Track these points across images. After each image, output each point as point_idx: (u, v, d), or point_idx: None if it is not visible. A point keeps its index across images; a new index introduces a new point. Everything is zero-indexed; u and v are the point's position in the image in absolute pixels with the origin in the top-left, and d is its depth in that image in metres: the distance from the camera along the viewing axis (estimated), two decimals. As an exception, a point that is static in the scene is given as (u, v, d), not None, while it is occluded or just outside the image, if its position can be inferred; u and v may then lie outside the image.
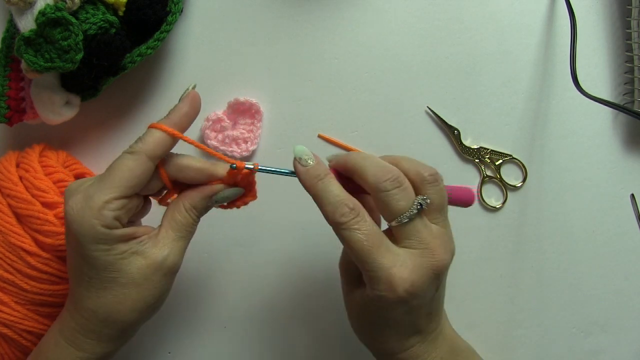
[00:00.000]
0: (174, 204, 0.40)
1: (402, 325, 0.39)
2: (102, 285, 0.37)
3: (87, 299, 0.38)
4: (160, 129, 0.38)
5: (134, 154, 0.37)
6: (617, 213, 0.54)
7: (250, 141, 0.52)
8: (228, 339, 0.52)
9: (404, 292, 0.37)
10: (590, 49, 0.54)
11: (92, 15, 0.45)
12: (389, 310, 0.38)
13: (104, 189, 0.36)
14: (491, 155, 0.54)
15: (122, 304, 0.38)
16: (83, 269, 0.37)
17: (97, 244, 0.36)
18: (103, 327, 0.38)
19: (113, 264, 0.37)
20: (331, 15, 0.54)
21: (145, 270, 0.38)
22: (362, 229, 0.37)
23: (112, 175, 0.37)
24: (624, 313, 0.54)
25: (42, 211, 0.43)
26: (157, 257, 0.38)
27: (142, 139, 0.38)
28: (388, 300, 0.37)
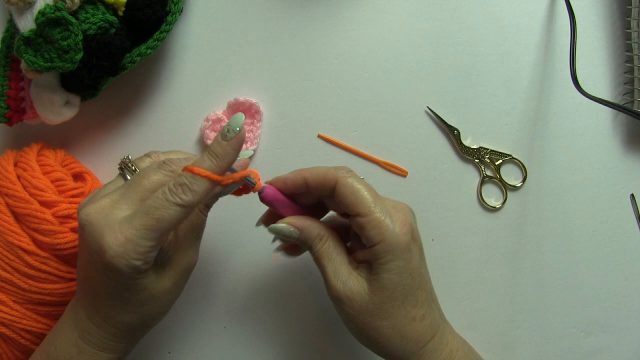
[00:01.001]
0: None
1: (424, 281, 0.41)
2: (140, 303, 0.39)
3: (123, 315, 0.39)
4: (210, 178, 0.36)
5: (184, 207, 0.36)
6: (617, 213, 0.54)
7: (250, 141, 0.52)
8: (228, 339, 0.52)
9: (411, 224, 0.40)
10: (590, 49, 0.54)
11: (92, 15, 0.45)
12: (411, 258, 0.39)
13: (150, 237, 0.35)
14: (491, 155, 0.54)
15: (157, 312, 0.41)
16: (121, 292, 0.38)
17: (137, 275, 0.37)
18: (137, 332, 0.41)
19: (151, 284, 0.39)
20: (331, 15, 0.54)
21: (175, 277, 0.40)
22: (359, 178, 0.41)
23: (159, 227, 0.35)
24: (624, 313, 0.54)
25: (40, 210, 0.43)
26: (183, 262, 0.41)
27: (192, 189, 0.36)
28: (404, 238, 0.39)
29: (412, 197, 0.53)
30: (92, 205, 0.37)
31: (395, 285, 0.39)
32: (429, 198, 0.53)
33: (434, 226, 0.53)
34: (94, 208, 0.37)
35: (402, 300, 0.40)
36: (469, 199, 0.54)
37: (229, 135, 0.37)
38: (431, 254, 0.53)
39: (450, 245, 0.53)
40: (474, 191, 0.54)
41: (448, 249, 0.53)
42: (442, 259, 0.53)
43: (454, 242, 0.53)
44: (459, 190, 0.54)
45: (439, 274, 0.53)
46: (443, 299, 0.53)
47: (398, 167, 0.53)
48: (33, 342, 0.44)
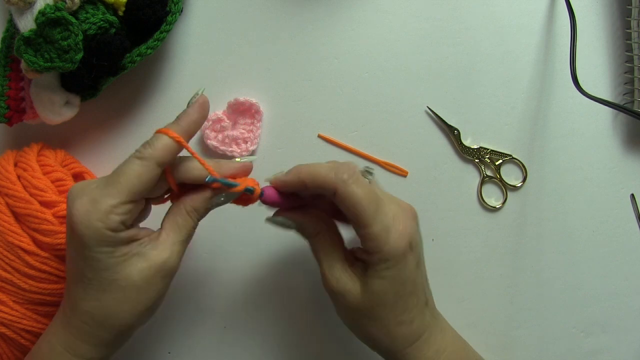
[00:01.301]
0: (175, 207, 0.41)
1: (419, 288, 0.40)
2: (102, 287, 0.37)
3: (85, 302, 0.38)
4: (167, 134, 0.38)
5: (142, 159, 0.37)
6: (617, 213, 0.54)
7: (250, 141, 0.52)
8: (228, 339, 0.52)
9: (410, 235, 0.39)
10: (590, 49, 0.54)
11: (92, 15, 0.45)
12: (406, 267, 0.39)
13: (112, 194, 0.36)
14: (491, 155, 0.54)
15: (120, 306, 0.38)
16: (84, 271, 0.37)
17: (101, 247, 0.36)
18: (100, 330, 0.38)
19: (115, 266, 0.37)
20: (331, 15, 0.54)
21: (145, 272, 0.38)
22: (363, 184, 0.39)
23: (120, 180, 0.37)
24: (624, 313, 0.54)
25: (40, 210, 0.43)
26: (158, 259, 0.38)
27: (150, 144, 0.38)
28: (401, 251, 0.38)
29: (412, 197, 0.53)
30: (76, 185, 0.39)
31: (386, 292, 0.39)
32: (429, 198, 0.53)
33: (434, 226, 0.53)
34: (76, 186, 0.39)
35: (392, 306, 0.40)
36: (469, 199, 0.54)
37: (191, 100, 0.40)
38: (431, 254, 0.53)
39: (450, 245, 0.53)
40: (474, 191, 0.54)
41: (448, 249, 0.53)
42: (442, 259, 0.53)
43: (454, 242, 0.53)
44: (459, 190, 0.54)
45: (439, 274, 0.53)
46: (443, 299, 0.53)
47: (398, 167, 0.53)
48: (33, 342, 0.44)
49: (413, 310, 0.40)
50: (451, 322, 0.45)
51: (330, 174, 0.39)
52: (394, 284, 0.39)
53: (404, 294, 0.40)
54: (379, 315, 0.40)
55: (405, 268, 0.39)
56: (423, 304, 0.41)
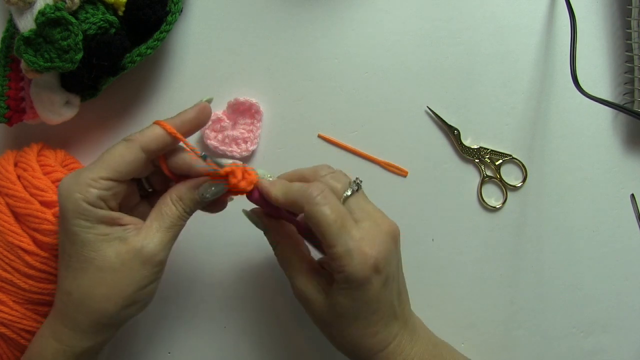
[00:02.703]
0: (162, 197, 0.41)
1: (382, 305, 0.40)
2: (80, 265, 0.38)
3: (65, 280, 0.39)
4: (160, 125, 0.40)
5: (128, 141, 0.39)
6: (617, 213, 0.54)
7: (250, 141, 0.52)
8: (228, 339, 0.52)
9: (376, 260, 0.38)
10: (590, 49, 0.54)
11: (92, 15, 0.45)
12: (368, 287, 0.39)
13: (93, 169, 0.38)
14: (491, 155, 0.54)
15: (97, 288, 0.38)
16: (65, 245, 0.39)
17: (79, 219, 0.38)
18: (77, 312, 0.39)
19: (92, 243, 0.38)
20: (331, 15, 0.54)
21: (123, 255, 0.38)
22: (330, 203, 0.39)
23: (103, 158, 0.39)
24: (624, 313, 0.54)
25: (40, 210, 0.43)
26: (137, 243, 0.39)
27: (141, 130, 0.40)
28: (364, 274, 0.38)
29: (412, 197, 0.53)
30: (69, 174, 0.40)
31: (348, 309, 0.40)
32: (429, 198, 0.53)
33: (434, 226, 0.53)
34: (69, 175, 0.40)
35: (354, 321, 0.40)
36: (469, 199, 0.54)
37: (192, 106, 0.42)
38: (431, 254, 0.53)
39: (450, 245, 0.53)
40: (474, 191, 0.54)
41: (448, 249, 0.53)
42: (442, 259, 0.53)
43: (454, 242, 0.53)
44: (459, 190, 0.54)
45: (439, 274, 0.53)
46: (443, 299, 0.53)
47: (398, 167, 0.53)
48: (33, 343, 0.44)
49: (377, 324, 0.40)
50: (451, 322, 0.45)
51: (301, 193, 0.39)
52: (356, 303, 0.39)
53: (367, 312, 0.40)
54: (342, 328, 0.41)
55: (368, 290, 0.39)
56: (389, 318, 0.41)
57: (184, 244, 0.41)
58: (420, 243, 0.53)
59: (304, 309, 0.43)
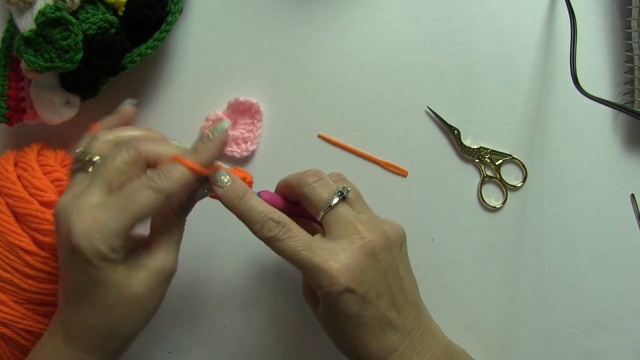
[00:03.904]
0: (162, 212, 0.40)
1: (370, 320, 0.39)
2: (108, 304, 0.37)
3: (89, 317, 0.37)
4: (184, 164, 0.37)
5: (157, 192, 0.36)
6: (617, 213, 0.54)
7: (250, 141, 0.52)
8: (228, 339, 0.52)
9: (345, 279, 0.38)
10: (590, 49, 0.54)
11: (92, 15, 0.45)
12: (344, 305, 0.38)
13: (119, 220, 0.35)
14: (491, 155, 0.54)
15: (127, 319, 0.38)
16: (88, 288, 0.37)
17: (106, 267, 0.36)
18: (106, 342, 0.38)
19: (118, 282, 0.37)
20: (331, 15, 0.54)
21: (148, 283, 0.38)
22: (293, 237, 0.38)
23: (130, 208, 0.36)
24: (624, 313, 0.54)
25: (40, 210, 0.43)
26: (157, 267, 0.38)
27: (166, 174, 0.37)
28: (336, 294, 0.38)
29: (412, 197, 0.53)
30: (64, 196, 0.37)
31: (330, 323, 0.40)
32: (429, 198, 0.53)
33: (434, 226, 0.53)
34: (65, 197, 0.37)
35: (342, 333, 0.40)
36: (469, 199, 0.54)
37: (212, 135, 0.39)
38: (431, 254, 0.53)
39: (450, 245, 0.53)
40: (474, 191, 0.54)
41: (448, 249, 0.53)
42: (442, 259, 0.53)
43: (454, 242, 0.53)
44: (459, 190, 0.54)
45: (439, 274, 0.53)
46: (443, 299, 0.53)
47: (398, 167, 0.53)
48: (33, 343, 0.44)
49: (367, 337, 0.40)
50: (451, 322, 0.45)
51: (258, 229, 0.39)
52: (336, 317, 0.39)
53: (351, 325, 0.39)
54: (335, 337, 0.41)
55: (345, 308, 0.39)
56: (383, 330, 0.40)
57: (184, 245, 0.41)
58: (420, 243, 0.53)
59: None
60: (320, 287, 0.38)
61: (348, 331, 0.40)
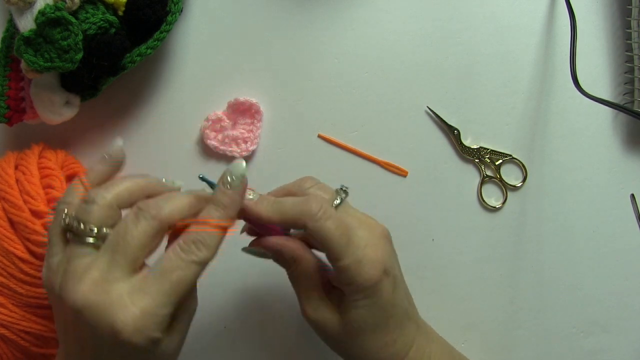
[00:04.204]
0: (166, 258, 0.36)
1: (397, 309, 0.39)
2: None
3: None
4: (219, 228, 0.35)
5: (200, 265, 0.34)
6: (617, 213, 0.54)
7: (250, 141, 0.52)
8: (228, 339, 0.52)
9: (383, 263, 0.38)
10: (590, 49, 0.54)
11: (92, 15, 0.45)
12: (381, 292, 0.38)
13: (168, 304, 0.33)
14: (491, 155, 0.54)
15: None
16: None
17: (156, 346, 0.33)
18: None
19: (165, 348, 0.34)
20: (331, 15, 0.54)
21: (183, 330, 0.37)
22: (332, 217, 0.37)
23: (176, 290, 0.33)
24: (624, 313, 0.54)
25: (30, 220, 0.42)
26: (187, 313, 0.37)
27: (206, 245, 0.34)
28: (375, 280, 0.37)
29: (412, 197, 0.53)
30: (81, 285, 0.32)
31: (365, 320, 0.39)
32: (429, 198, 0.53)
33: (434, 226, 0.53)
34: (85, 288, 0.32)
35: (372, 332, 0.39)
36: (469, 199, 0.54)
37: (234, 183, 0.36)
38: (431, 254, 0.53)
39: (450, 245, 0.53)
40: (474, 191, 0.54)
41: (448, 249, 0.53)
42: (442, 259, 0.53)
43: (454, 242, 0.53)
44: (459, 190, 0.54)
45: (439, 274, 0.53)
46: (443, 299, 0.53)
47: (398, 167, 0.53)
48: (33, 344, 0.44)
49: (396, 330, 0.40)
50: (451, 322, 0.45)
51: (299, 209, 0.37)
52: (372, 311, 0.39)
53: (383, 318, 0.39)
54: (361, 343, 0.39)
55: (381, 295, 0.38)
56: (404, 321, 0.40)
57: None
58: (420, 243, 0.53)
59: (317, 332, 0.41)
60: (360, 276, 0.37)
61: (379, 326, 0.39)
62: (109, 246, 0.34)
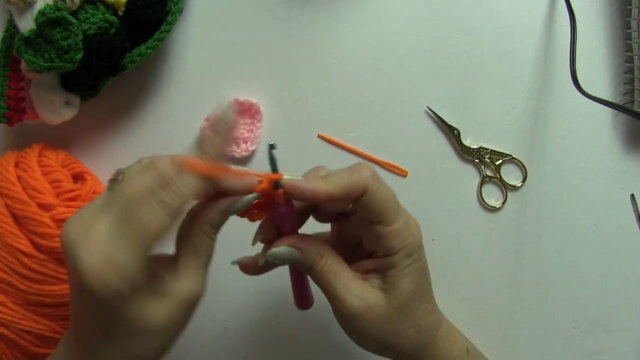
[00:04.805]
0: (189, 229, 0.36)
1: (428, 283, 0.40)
2: (127, 337, 0.34)
3: (108, 350, 0.34)
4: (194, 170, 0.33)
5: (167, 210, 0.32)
6: (617, 213, 0.54)
7: (250, 141, 0.52)
8: (228, 339, 0.52)
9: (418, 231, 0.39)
10: (590, 49, 0.54)
11: (92, 15, 0.45)
12: (423, 255, 0.39)
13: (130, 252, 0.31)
14: (491, 155, 0.54)
15: (148, 349, 0.35)
16: (105, 326, 0.33)
17: (123, 303, 0.32)
18: None
19: (138, 313, 0.33)
20: (331, 15, 0.54)
21: (170, 312, 0.34)
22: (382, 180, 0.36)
23: (140, 237, 0.31)
24: (624, 313, 0.54)
25: (38, 212, 0.43)
26: (182, 293, 0.35)
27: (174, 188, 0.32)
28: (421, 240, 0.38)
29: (412, 197, 0.53)
30: (72, 224, 0.32)
31: (415, 286, 0.38)
32: (429, 198, 0.53)
33: (434, 226, 0.53)
34: (73, 226, 0.32)
35: (420, 298, 0.39)
36: (469, 199, 0.54)
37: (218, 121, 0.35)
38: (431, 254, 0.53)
39: (450, 245, 0.53)
40: (474, 191, 0.54)
41: (448, 249, 0.53)
42: (442, 259, 0.53)
43: (454, 242, 0.53)
44: (459, 190, 0.54)
45: (439, 274, 0.53)
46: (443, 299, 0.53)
47: (398, 167, 0.53)
48: (33, 343, 0.44)
49: (432, 297, 0.41)
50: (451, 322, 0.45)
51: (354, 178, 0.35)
52: (419, 277, 0.38)
53: (426, 283, 0.40)
54: (412, 314, 0.38)
55: (423, 258, 0.39)
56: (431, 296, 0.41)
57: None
58: (420, 243, 0.53)
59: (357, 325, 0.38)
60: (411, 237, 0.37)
61: (424, 292, 0.39)
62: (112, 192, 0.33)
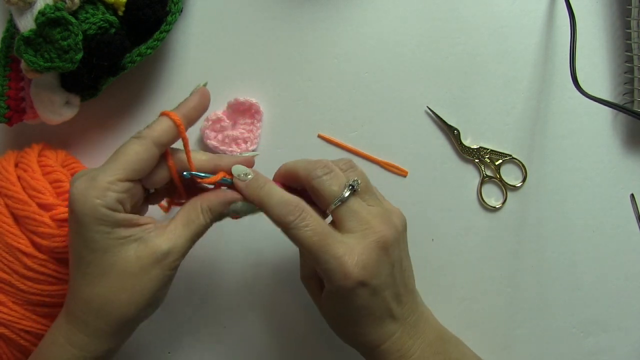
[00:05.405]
0: (190, 203, 0.40)
1: (374, 310, 0.40)
2: (99, 271, 0.37)
3: (83, 288, 0.37)
4: (168, 116, 0.39)
5: (140, 138, 0.38)
6: (617, 213, 0.54)
7: (250, 141, 0.52)
8: (228, 339, 0.52)
9: (359, 275, 0.38)
10: (590, 49, 0.54)
11: (92, 15, 0.45)
12: (355, 298, 0.39)
13: (109, 170, 0.37)
14: (491, 155, 0.54)
15: (117, 294, 0.37)
16: (82, 253, 0.37)
17: (99, 225, 0.36)
18: (97, 319, 0.37)
19: (112, 248, 0.37)
20: (331, 15, 0.54)
21: (144, 259, 0.37)
22: (309, 225, 0.39)
23: (118, 158, 0.37)
24: (624, 313, 0.54)
25: (38, 212, 0.43)
26: (159, 247, 0.38)
27: (150, 125, 0.39)
28: (348, 288, 0.38)
29: (412, 197, 0.53)
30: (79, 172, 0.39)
31: (335, 313, 0.41)
32: (429, 198, 0.53)
33: (434, 226, 0.53)
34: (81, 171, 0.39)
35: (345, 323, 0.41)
36: (469, 199, 0.54)
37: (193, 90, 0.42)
38: (431, 254, 0.53)
39: (450, 245, 0.53)
40: (474, 191, 0.54)
41: (448, 249, 0.53)
42: (442, 259, 0.53)
43: (454, 242, 0.53)
44: (459, 190, 0.54)
45: (439, 274, 0.53)
46: (443, 299, 0.53)
47: (398, 167, 0.53)
48: (33, 343, 0.44)
49: (367, 327, 0.40)
50: (451, 322, 0.45)
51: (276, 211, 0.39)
52: (344, 310, 0.40)
53: (356, 316, 0.40)
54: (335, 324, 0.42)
55: (355, 301, 0.39)
56: (383, 319, 0.40)
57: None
58: (420, 243, 0.53)
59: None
60: (332, 282, 0.38)
61: (351, 320, 0.40)
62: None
